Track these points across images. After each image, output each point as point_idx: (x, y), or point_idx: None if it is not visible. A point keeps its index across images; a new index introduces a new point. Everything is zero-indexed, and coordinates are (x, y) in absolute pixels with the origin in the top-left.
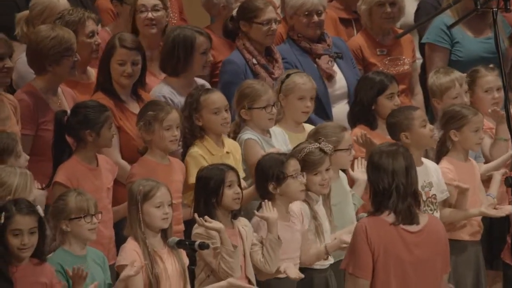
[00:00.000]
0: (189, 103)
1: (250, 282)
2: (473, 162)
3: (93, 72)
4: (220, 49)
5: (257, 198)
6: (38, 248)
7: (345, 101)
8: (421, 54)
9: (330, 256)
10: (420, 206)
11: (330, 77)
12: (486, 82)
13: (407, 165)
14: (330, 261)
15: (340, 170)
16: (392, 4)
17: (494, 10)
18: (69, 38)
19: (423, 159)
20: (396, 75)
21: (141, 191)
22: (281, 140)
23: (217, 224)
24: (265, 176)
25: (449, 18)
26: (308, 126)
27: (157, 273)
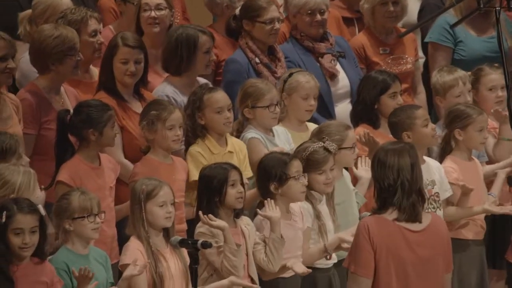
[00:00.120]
0: (192, 102)
1: (253, 281)
2: (476, 161)
3: (96, 71)
4: (223, 48)
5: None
6: (39, 247)
7: (347, 100)
8: (424, 53)
9: (332, 254)
10: (424, 204)
11: (333, 76)
12: (490, 80)
13: (413, 162)
14: (333, 260)
15: (343, 168)
16: (395, 3)
17: (497, 9)
18: (72, 37)
19: (425, 158)
20: (398, 74)
21: (144, 190)
22: (284, 139)
23: (221, 222)
24: (267, 175)
25: (452, 17)
26: (311, 125)
27: (161, 272)
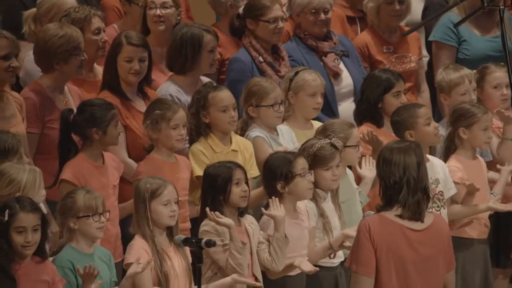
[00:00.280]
0: (196, 100)
1: (257, 280)
2: (481, 160)
3: (100, 70)
4: (227, 46)
5: (265, 198)
6: (39, 246)
7: (351, 99)
8: (428, 52)
9: (337, 253)
10: (429, 203)
11: (336, 75)
12: (494, 78)
13: (419, 160)
14: (339, 259)
15: (347, 167)
16: (400, 1)
17: (501, 7)
18: (77, 36)
19: (429, 156)
20: (402, 73)
21: (148, 189)
22: (288, 138)
23: (227, 220)
24: (273, 175)
25: (456, 16)
26: (316, 123)
27: (166, 271)
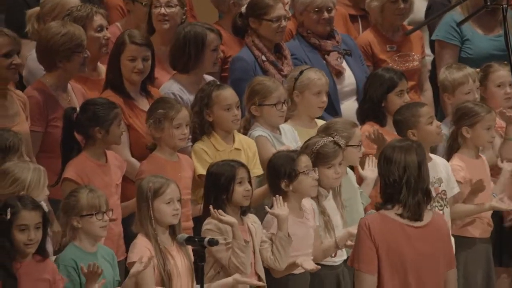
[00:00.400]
0: (200, 99)
1: (260, 279)
2: (484, 159)
3: (103, 68)
4: (229, 44)
5: (269, 196)
6: (41, 244)
7: (353, 98)
8: (432, 51)
9: (338, 252)
10: (432, 202)
11: (339, 73)
12: (498, 76)
13: (420, 160)
14: (342, 257)
15: (348, 167)
16: (404, 0)
17: (504, 6)
18: (79, 34)
19: (432, 155)
20: (405, 72)
21: (151, 188)
22: (290, 137)
23: (230, 218)
24: (277, 174)
25: (459, 15)
26: (320, 122)
27: (169, 270)
